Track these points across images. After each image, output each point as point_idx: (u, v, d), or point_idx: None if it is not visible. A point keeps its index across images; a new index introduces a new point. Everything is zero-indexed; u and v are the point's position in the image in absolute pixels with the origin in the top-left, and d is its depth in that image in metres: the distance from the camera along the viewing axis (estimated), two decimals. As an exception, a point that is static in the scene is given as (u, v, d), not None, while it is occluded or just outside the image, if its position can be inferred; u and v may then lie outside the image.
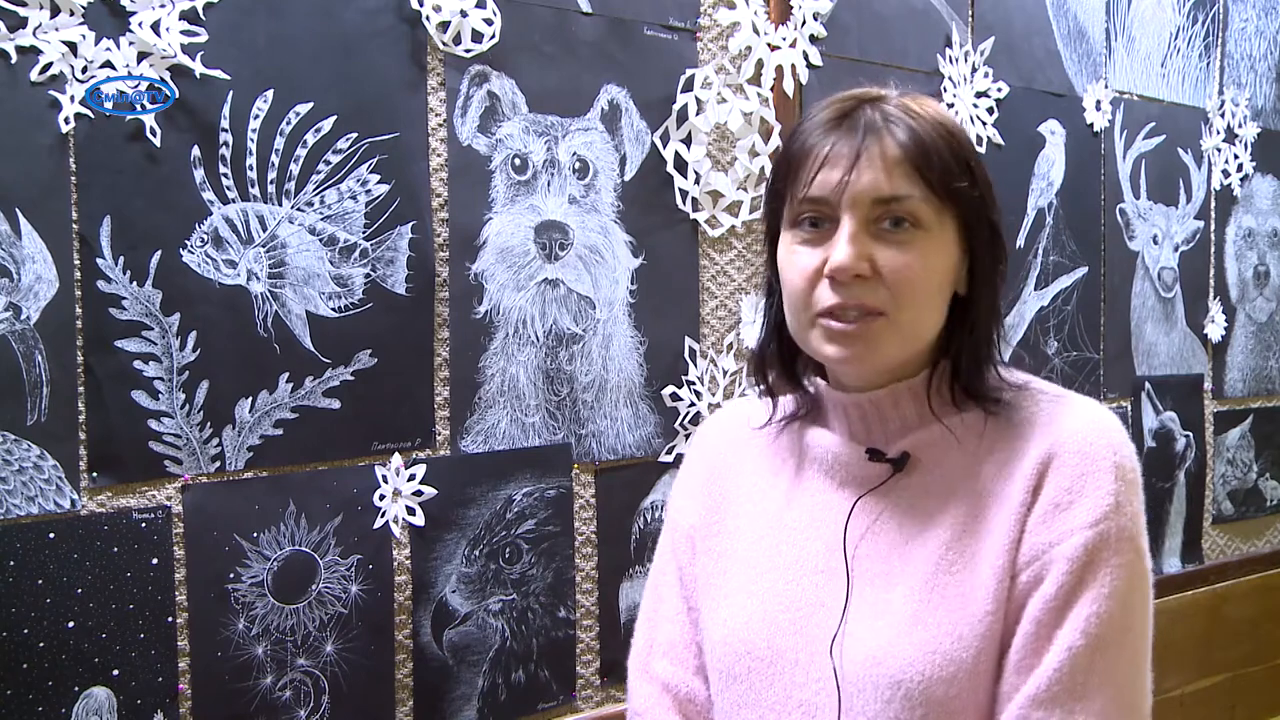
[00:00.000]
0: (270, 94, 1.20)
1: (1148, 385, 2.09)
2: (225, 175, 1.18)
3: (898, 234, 0.87)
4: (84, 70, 1.09)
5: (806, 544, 0.94)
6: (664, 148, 1.50)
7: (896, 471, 0.92)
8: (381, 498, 1.29)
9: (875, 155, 0.86)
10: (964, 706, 0.85)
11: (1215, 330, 2.20)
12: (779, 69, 1.57)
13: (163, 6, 1.13)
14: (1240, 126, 2.21)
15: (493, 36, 1.33)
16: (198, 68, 1.15)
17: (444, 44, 1.31)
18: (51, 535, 1.10)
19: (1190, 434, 2.18)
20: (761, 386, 1.00)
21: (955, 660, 0.85)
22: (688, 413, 1.54)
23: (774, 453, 1.01)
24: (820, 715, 0.89)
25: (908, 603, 0.87)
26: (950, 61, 1.75)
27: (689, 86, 1.50)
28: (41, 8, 1.07)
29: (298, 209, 1.23)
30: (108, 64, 1.11)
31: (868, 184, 0.86)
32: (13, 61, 1.06)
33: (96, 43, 1.10)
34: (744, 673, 0.92)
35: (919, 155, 0.86)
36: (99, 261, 1.12)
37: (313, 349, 1.24)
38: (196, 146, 1.16)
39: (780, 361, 0.99)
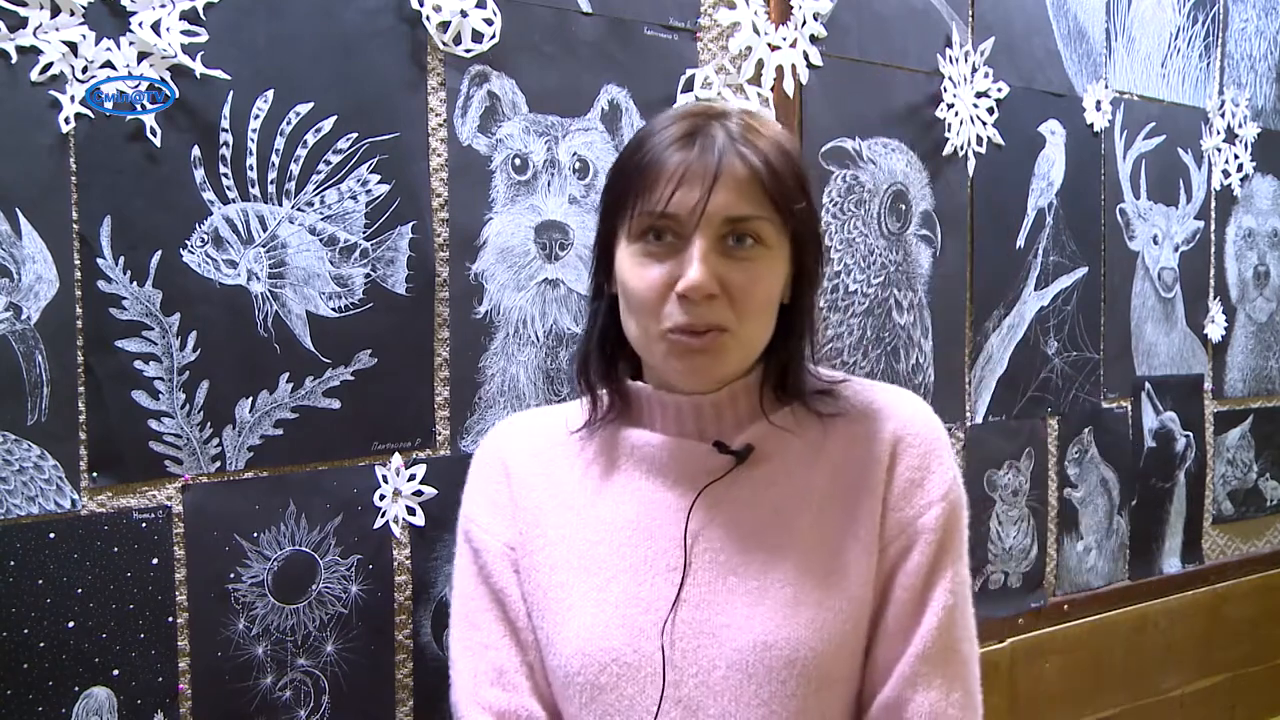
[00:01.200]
0: (270, 94, 1.20)
1: (1148, 385, 2.09)
2: (225, 175, 1.18)
3: (742, 250, 0.91)
4: (84, 70, 1.09)
5: (649, 543, 0.95)
6: (664, 148, 1.50)
7: (739, 464, 0.95)
8: (382, 498, 1.30)
9: (728, 177, 0.89)
10: (845, 674, 0.92)
11: (1215, 330, 2.20)
12: (779, 69, 1.57)
13: (163, 6, 1.13)
14: (1240, 126, 2.21)
15: (493, 36, 1.33)
16: (198, 68, 1.15)
17: (444, 44, 1.31)
18: (51, 535, 1.10)
19: (1190, 434, 2.18)
20: (586, 389, 1.02)
21: (840, 633, 0.91)
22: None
23: (585, 457, 1.02)
24: (703, 710, 0.90)
25: (785, 586, 0.91)
26: (950, 61, 1.75)
27: (689, 86, 1.50)
28: (41, 8, 1.07)
29: (298, 209, 1.23)
30: (108, 64, 1.11)
31: (721, 205, 0.88)
32: (13, 61, 1.06)
33: (97, 43, 1.10)
34: (612, 681, 0.91)
35: (768, 178, 0.90)
36: (99, 261, 1.12)
37: (313, 349, 1.24)
38: (197, 146, 1.16)
39: (602, 363, 1.00)
